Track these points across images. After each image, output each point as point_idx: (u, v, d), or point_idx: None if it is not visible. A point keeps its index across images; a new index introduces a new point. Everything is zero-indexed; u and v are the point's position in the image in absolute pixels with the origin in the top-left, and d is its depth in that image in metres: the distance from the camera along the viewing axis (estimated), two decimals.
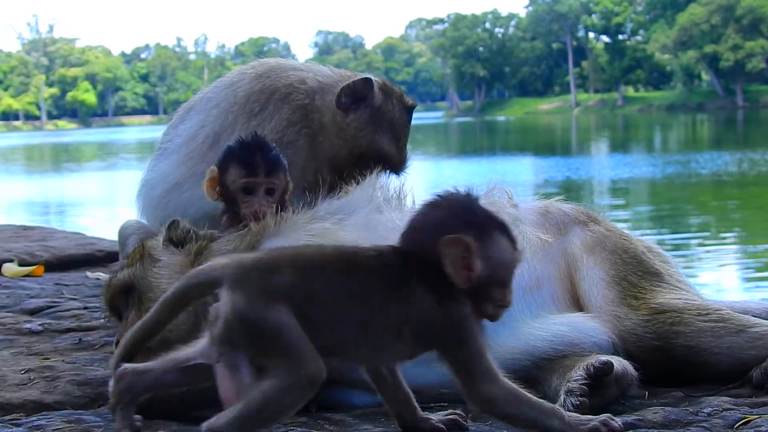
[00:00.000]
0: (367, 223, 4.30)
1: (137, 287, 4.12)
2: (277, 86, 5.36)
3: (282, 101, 5.31)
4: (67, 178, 47.81)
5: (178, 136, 5.49)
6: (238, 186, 4.63)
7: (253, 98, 5.35)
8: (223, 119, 5.33)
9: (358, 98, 5.29)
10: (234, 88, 5.48)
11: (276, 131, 5.22)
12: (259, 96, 5.35)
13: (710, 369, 4.06)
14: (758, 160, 39.15)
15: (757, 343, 4.04)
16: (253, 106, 5.33)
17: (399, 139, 5.39)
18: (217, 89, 5.61)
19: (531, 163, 44.64)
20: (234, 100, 5.41)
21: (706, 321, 4.09)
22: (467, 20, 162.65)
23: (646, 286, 4.25)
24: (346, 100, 5.29)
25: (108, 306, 4.30)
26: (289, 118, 5.27)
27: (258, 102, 5.33)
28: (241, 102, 5.37)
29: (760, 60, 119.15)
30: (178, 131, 5.52)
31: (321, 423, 3.73)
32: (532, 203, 4.66)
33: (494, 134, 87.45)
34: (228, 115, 5.36)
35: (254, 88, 5.39)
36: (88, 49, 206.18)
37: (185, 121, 5.54)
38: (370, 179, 4.56)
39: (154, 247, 4.24)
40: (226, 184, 4.68)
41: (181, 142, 5.44)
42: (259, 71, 5.51)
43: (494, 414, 3.23)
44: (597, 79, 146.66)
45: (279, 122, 5.25)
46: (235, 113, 5.35)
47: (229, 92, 5.48)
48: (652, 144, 60.84)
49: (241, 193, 4.63)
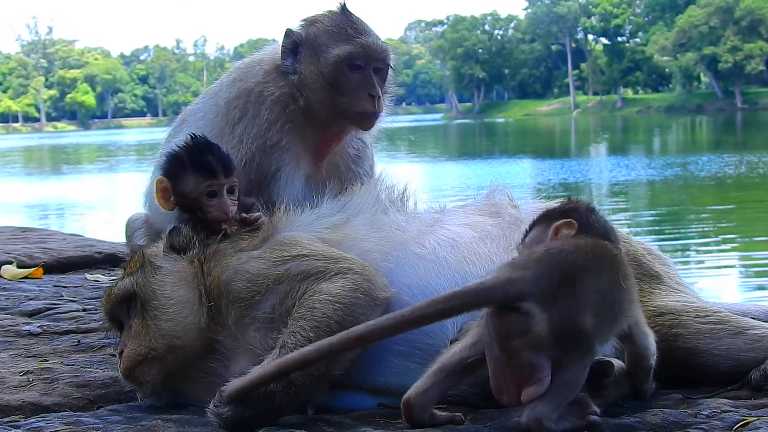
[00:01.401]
0: (373, 223, 4.31)
1: (139, 296, 4.10)
2: (251, 88, 5.31)
3: (258, 103, 5.26)
4: (67, 180, 47.79)
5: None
6: (200, 192, 4.55)
7: (233, 105, 5.31)
8: (209, 130, 5.26)
9: (294, 50, 5.25)
10: (216, 98, 5.47)
11: (258, 137, 5.19)
12: (237, 102, 5.31)
13: (709, 371, 4.06)
14: (757, 162, 39.16)
15: (756, 345, 4.04)
16: (234, 114, 5.28)
17: (350, 36, 5.20)
18: (204, 99, 5.63)
19: (530, 166, 44.63)
20: (216, 110, 5.39)
21: (704, 323, 4.09)
22: (466, 22, 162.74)
23: (646, 288, 4.25)
24: (288, 62, 5.25)
25: (108, 316, 4.27)
26: (268, 118, 5.22)
27: (237, 108, 5.29)
28: (223, 111, 5.34)
29: (759, 62, 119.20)
30: (174, 144, 5.50)
31: (320, 425, 3.73)
32: (533, 204, 4.66)
33: (493, 136, 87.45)
34: (213, 126, 5.32)
35: (231, 95, 5.35)
36: (87, 50, 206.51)
37: (179, 133, 5.53)
38: (374, 181, 4.57)
39: (154, 255, 4.23)
40: (183, 192, 4.58)
41: None
42: (233, 76, 5.48)
43: None
44: (596, 81, 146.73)
45: (260, 126, 5.21)
46: (218, 123, 5.32)
47: (213, 102, 5.48)
48: (651, 146, 60.86)
49: (204, 197, 4.55)
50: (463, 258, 4.15)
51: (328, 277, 3.91)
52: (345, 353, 3.73)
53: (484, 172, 39.54)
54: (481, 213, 4.48)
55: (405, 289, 4.02)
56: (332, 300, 3.82)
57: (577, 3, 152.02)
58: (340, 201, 4.46)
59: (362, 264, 3.99)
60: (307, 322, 3.76)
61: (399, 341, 3.94)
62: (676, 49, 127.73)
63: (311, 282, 3.91)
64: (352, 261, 3.99)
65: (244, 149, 5.17)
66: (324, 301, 3.81)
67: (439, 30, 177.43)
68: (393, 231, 4.27)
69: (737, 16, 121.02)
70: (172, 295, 4.03)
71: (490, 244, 4.26)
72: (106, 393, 4.22)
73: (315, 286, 3.89)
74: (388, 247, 4.17)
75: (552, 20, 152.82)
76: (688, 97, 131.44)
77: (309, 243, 4.11)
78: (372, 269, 3.99)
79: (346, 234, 4.25)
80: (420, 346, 3.96)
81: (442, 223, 4.36)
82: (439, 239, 4.22)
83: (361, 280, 3.90)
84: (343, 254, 4.04)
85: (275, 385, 3.64)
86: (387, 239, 4.22)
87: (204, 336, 4.01)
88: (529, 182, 35.22)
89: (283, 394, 3.67)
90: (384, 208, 4.40)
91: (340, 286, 3.86)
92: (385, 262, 4.11)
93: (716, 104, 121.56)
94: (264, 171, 5.15)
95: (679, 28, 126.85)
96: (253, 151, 5.16)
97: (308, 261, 3.99)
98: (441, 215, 4.45)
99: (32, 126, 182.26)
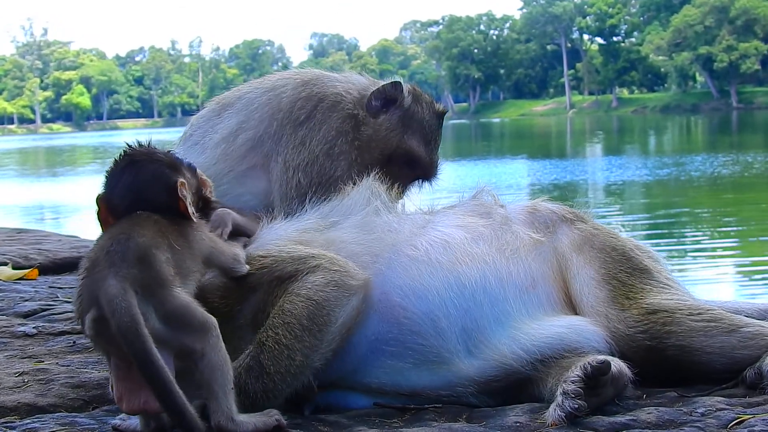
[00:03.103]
0: (364, 225, 4.31)
1: None
2: (325, 94, 5.24)
3: (330, 110, 5.20)
4: (62, 182, 47.75)
5: (215, 132, 5.35)
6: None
7: (299, 105, 5.21)
8: (267, 125, 5.20)
9: (388, 101, 5.26)
10: (277, 93, 5.34)
11: (324, 141, 5.12)
12: (305, 103, 5.22)
13: (703, 368, 4.07)
14: (751, 162, 39.20)
15: (750, 342, 4.05)
16: (299, 114, 5.19)
17: (429, 141, 5.34)
18: (257, 91, 5.43)
19: (526, 166, 44.64)
20: (278, 107, 5.25)
21: (698, 321, 4.09)
22: (462, 22, 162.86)
23: (636, 284, 4.26)
24: (376, 103, 5.23)
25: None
26: (338, 127, 5.16)
27: (304, 109, 5.20)
28: (286, 109, 5.22)
29: (754, 61, 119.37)
30: (215, 128, 5.42)
31: (315, 425, 3.73)
32: (519, 203, 4.68)
33: (489, 136, 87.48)
34: (272, 121, 5.22)
35: (300, 94, 5.26)
36: (82, 52, 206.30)
37: (222, 118, 5.41)
38: (366, 182, 4.57)
39: None
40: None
41: (218, 139, 5.31)
42: (304, 78, 5.39)
43: None
44: (591, 81, 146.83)
45: (328, 132, 5.13)
46: (279, 120, 5.21)
47: (272, 96, 5.34)
48: (647, 146, 60.87)
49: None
50: (456, 259, 4.16)
51: (300, 277, 3.92)
52: (324, 345, 3.77)
53: (479, 172, 39.52)
54: (472, 214, 4.49)
55: (397, 291, 4.03)
56: (302, 298, 3.82)
57: (573, 3, 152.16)
58: (331, 203, 4.46)
59: (330, 258, 3.99)
60: (277, 320, 3.78)
61: (391, 342, 3.96)
62: (672, 49, 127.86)
63: (285, 285, 3.92)
64: (320, 257, 3.98)
65: (306, 151, 5.09)
66: (293, 301, 3.82)
67: (435, 30, 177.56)
68: (385, 233, 4.27)
69: (732, 15, 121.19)
70: None
71: (483, 244, 4.27)
72: (102, 394, 4.22)
73: (288, 288, 3.90)
74: (379, 248, 4.18)
75: (547, 20, 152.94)
76: (683, 96, 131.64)
77: (277, 249, 4.10)
78: (341, 261, 3.99)
79: (334, 236, 4.25)
80: (412, 346, 3.97)
81: (434, 224, 4.36)
82: (432, 240, 4.23)
83: (331, 273, 3.90)
84: (311, 252, 4.03)
85: (247, 376, 3.66)
86: (378, 241, 4.22)
87: None
88: (524, 182, 35.25)
89: (257, 384, 3.67)
90: (375, 209, 4.40)
91: (311, 283, 3.87)
92: (377, 264, 4.11)
93: (712, 104, 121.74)
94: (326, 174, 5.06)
95: (675, 27, 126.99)
96: (317, 154, 5.09)
97: (279, 266, 3.99)
98: (432, 216, 4.46)
99: (27, 128, 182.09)
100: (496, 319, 4.07)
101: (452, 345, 3.99)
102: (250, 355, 3.71)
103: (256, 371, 3.67)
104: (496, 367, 4.00)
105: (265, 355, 3.69)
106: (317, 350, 3.78)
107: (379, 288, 4.02)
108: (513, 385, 4.04)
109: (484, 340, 4.02)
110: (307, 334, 3.75)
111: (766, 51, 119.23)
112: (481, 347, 4.01)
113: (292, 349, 3.72)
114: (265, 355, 3.69)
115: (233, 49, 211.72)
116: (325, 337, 3.80)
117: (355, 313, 3.91)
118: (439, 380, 3.99)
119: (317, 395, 3.92)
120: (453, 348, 3.99)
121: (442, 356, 3.98)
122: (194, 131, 5.48)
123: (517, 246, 4.34)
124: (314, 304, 3.81)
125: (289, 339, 3.72)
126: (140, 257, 3.36)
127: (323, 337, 3.79)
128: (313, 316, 3.79)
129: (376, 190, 4.51)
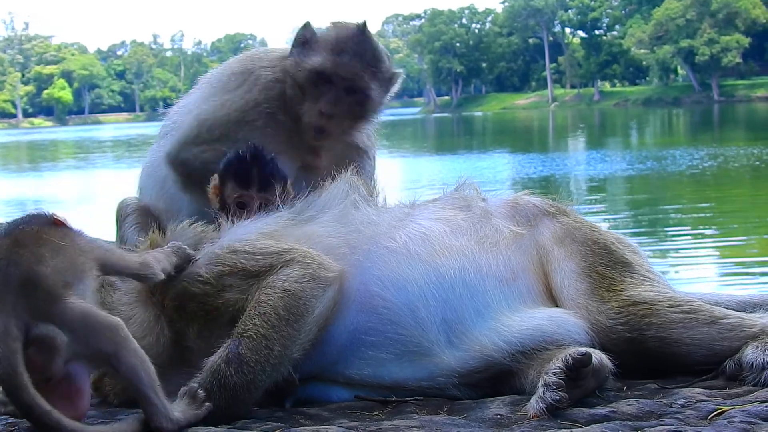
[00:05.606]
0: (342, 218, 4.32)
1: None
2: (253, 68, 5.47)
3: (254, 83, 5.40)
4: (44, 177, 47.53)
5: (176, 113, 5.74)
6: (233, 199, 4.75)
7: (233, 78, 5.48)
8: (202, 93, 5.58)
9: (303, 43, 5.35)
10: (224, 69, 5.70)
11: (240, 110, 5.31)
12: (238, 76, 5.47)
13: (683, 360, 4.09)
14: (733, 155, 39.35)
15: (729, 334, 4.07)
16: (230, 84, 5.47)
17: (341, 52, 5.25)
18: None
19: (508, 160, 44.65)
20: (219, 77, 5.60)
21: (677, 312, 4.11)
22: (444, 16, 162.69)
23: (617, 276, 4.27)
24: (293, 51, 5.36)
25: None
26: (255, 98, 5.34)
27: (235, 81, 5.46)
28: (224, 80, 5.53)
29: (735, 54, 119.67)
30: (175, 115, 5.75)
31: (297, 418, 3.74)
32: (501, 197, 4.69)
33: (471, 130, 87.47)
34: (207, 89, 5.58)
35: (238, 69, 5.54)
36: (63, 46, 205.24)
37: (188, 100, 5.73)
38: (344, 176, 4.56)
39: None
40: (223, 195, 4.81)
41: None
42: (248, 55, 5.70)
43: None
44: (573, 75, 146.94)
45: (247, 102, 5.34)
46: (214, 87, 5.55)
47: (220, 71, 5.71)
48: (629, 140, 61.01)
49: (234, 206, 4.71)
50: (434, 251, 4.17)
51: (274, 272, 3.92)
52: (301, 336, 3.79)
53: (462, 166, 39.52)
54: (452, 207, 4.50)
55: (375, 281, 4.04)
56: (278, 290, 3.84)
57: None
58: (308, 198, 4.45)
59: (304, 251, 4.01)
60: (254, 311, 3.79)
61: (370, 332, 3.97)
62: (653, 42, 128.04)
63: (260, 280, 3.92)
64: (293, 251, 4.00)
65: (222, 112, 5.31)
66: (269, 293, 3.84)
67: (417, 24, 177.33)
68: (364, 225, 4.28)
69: (714, 8, 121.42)
70: (128, 315, 3.98)
71: (462, 237, 4.29)
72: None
73: (264, 282, 3.90)
74: (357, 240, 4.19)
75: (529, 14, 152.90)
76: (665, 89, 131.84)
77: (251, 246, 4.09)
78: (315, 253, 4.01)
79: (311, 231, 4.24)
80: (393, 336, 3.98)
81: (413, 217, 4.38)
82: (410, 233, 4.24)
83: (305, 266, 3.93)
84: (284, 247, 4.04)
85: (227, 368, 3.66)
86: (357, 233, 4.23)
87: (169, 348, 3.99)
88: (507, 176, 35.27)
89: (236, 375, 3.67)
90: (354, 202, 4.41)
91: (285, 276, 3.89)
92: (355, 255, 4.12)
93: (693, 97, 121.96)
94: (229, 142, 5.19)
95: (656, 21, 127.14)
96: (229, 119, 5.29)
97: (252, 263, 3.99)
98: (412, 210, 4.47)
99: (8, 122, 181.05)
100: (476, 310, 4.08)
101: (432, 335, 4.00)
102: (229, 348, 3.71)
103: (236, 363, 3.67)
104: (477, 358, 4.00)
105: (243, 346, 3.70)
106: (295, 340, 3.79)
107: (357, 278, 4.04)
108: (495, 377, 4.05)
109: (465, 331, 4.03)
110: (284, 324, 3.76)
111: (748, 44, 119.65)
112: (462, 338, 4.02)
113: (270, 339, 3.72)
114: (243, 346, 3.70)
115: (215, 43, 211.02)
116: (302, 328, 3.80)
117: (332, 303, 3.92)
118: (421, 371, 3.99)
119: (298, 388, 3.93)
120: (434, 338, 4.00)
121: (422, 347, 3.98)
122: (165, 122, 5.84)
123: (497, 239, 4.35)
124: (290, 294, 3.82)
125: (266, 329, 3.73)
126: (23, 281, 3.28)
127: (300, 328, 3.80)
128: (289, 306, 3.80)
129: (354, 183, 4.51)
